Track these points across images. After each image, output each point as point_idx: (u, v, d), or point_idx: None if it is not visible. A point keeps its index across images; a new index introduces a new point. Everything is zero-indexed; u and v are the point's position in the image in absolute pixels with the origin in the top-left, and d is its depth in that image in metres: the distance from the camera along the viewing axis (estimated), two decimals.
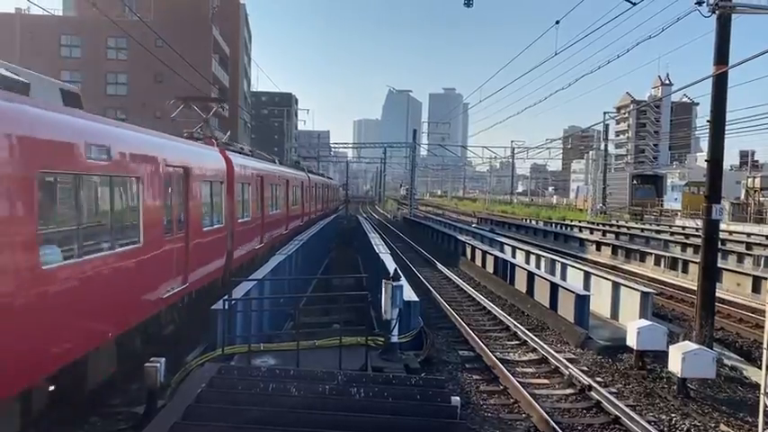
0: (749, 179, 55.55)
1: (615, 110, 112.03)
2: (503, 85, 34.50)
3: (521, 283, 20.03)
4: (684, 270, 24.96)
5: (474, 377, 12.07)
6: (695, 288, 14.93)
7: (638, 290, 15.84)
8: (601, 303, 17.04)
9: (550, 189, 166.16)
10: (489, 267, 24.51)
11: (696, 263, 16.48)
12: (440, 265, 27.52)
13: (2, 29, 56.29)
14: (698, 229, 21.35)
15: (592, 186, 70.84)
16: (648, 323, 12.82)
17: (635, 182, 70.27)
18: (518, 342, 14.79)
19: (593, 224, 49.95)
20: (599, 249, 33.46)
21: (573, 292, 15.88)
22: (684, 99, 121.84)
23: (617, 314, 16.52)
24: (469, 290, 21.61)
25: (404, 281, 12.60)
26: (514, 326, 15.86)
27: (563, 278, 19.94)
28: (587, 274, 19.07)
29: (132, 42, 35.35)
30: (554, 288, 17.11)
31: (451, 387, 9.91)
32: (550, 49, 23.52)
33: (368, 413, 6.69)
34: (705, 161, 14.26)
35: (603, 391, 10.75)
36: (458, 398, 7.52)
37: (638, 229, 43.93)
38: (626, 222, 53.50)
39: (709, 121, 13.93)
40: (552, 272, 21.72)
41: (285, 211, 26.45)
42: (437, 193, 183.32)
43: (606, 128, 67.15)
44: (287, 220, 26.97)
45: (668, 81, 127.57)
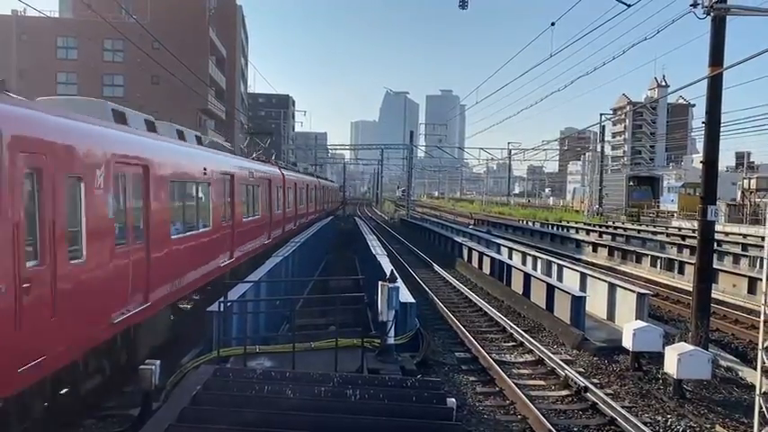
0: (745, 180, 55.62)
1: (612, 111, 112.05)
2: (499, 87, 34.56)
3: (517, 285, 20.06)
4: (680, 271, 24.97)
5: (470, 379, 12.08)
6: (691, 289, 14.97)
7: (633, 291, 15.87)
8: (597, 305, 17.08)
9: (547, 190, 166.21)
10: (486, 269, 24.53)
11: (692, 264, 16.50)
12: (436, 267, 27.52)
13: None
14: (694, 231, 21.35)
15: (588, 188, 70.77)
16: (644, 324, 12.86)
17: (631, 183, 70.24)
18: (514, 343, 14.80)
19: (589, 225, 49.99)
20: (595, 251, 33.47)
21: (569, 293, 15.90)
22: (681, 100, 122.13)
23: (613, 315, 16.56)
24: (466, 291, 21.61)
25: (400, 282, 12.60)
26: (510, 327, 15.86)
27: (559, 279, 19.96)
28: (583, 276, 19.09)
29: (129, 44, 35.24)
30: (550, 289, 17.11)
31: (447, 389, 9.88)
32: (547, 50, 23.56)
33: (363, 415, 6.69)
34: (700, 162, 14.28)
35: (599, 393, 10.77)
36: (454, 399, 7.54)
37: (634, 230, 43.96)
38: (622, 224, 53.53)
39: (704, 122, 13.96)
40: (548, 273, 21.75)
41: (305, 207, 37.26)
42: (434, 195, 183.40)
43: (603, 129, 67.07)
44: (305, 215, 36.97)
45: (665, 82, 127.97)
